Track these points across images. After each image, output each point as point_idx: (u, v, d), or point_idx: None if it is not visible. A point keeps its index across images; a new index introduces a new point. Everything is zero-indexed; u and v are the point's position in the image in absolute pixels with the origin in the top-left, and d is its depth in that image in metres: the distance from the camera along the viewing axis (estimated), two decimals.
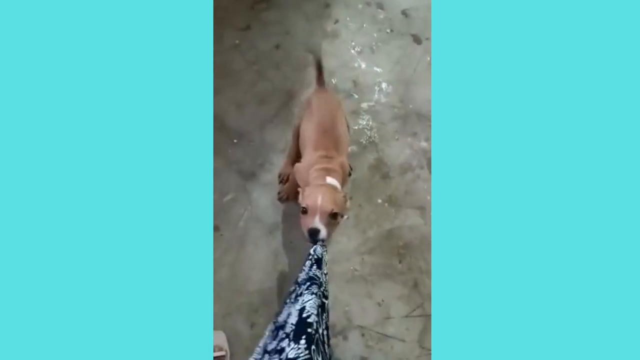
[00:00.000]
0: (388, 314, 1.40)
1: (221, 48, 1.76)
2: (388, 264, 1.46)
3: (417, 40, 1.82)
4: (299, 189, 1.18)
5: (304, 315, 0.81)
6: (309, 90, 1.52)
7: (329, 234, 1.09)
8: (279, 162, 1.59)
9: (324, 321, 0.87)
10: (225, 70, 1.74)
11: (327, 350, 0.83)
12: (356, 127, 1.66)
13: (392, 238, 1.49)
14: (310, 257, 1.02)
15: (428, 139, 1.64)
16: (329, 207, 1.07)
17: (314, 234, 1.06)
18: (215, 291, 1.36)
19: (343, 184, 1.26)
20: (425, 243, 1.49)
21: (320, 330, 0.81)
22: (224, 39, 1.79)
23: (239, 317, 1.35)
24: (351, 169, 1.55)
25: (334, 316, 1.39)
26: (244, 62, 1.77)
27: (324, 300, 0.92)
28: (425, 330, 1.38)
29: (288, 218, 1.51)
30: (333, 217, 1.08)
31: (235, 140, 1.62)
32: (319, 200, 1.07)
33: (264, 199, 1.54)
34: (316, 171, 1.22)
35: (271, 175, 1.57)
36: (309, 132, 1.33)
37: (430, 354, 1.34)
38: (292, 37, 1.81)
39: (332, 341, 1.34)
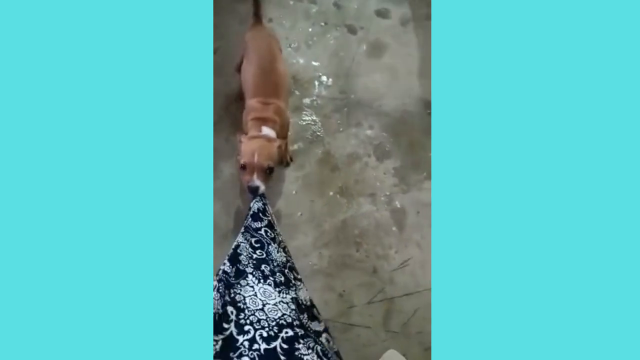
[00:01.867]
0: (351, 303, 1.41)
1: None
2: (346, 254, 1.47)
3: (352, 30, 1.84)
4: (238, 136, 1.27)
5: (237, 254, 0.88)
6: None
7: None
8: (226, 168, 1.57)
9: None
10: None
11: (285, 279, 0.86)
12: (302, 123, 1.66)
13: (347, 228, 1.51)
14: (248, 213, 1.13)
15: (372, 127, 1.66)
16: (265, 163, 1.17)
17: (253, 190, 1.17)
18: None
19: (282, 130, 1.33)
20: (380, 229, 1.51)
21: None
22: None
23: None
24: (291, 159, 1.58)
25: None
26: None
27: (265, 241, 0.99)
28: (389, 314, 1.40)
29: (242, 223, 1.50)
30: (270, 172, 1.19)
31: None
32: (255, 158, 1.17)
33: (215, 206, 1.52)
34: (252, 121, 1.29)
35: (219, 182, 1.55)
36: (247, 76, 1.37)
37: (395, 336, 1.37)
38: (228, 41, 1.80)
39: None
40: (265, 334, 0.75)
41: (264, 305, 0.81)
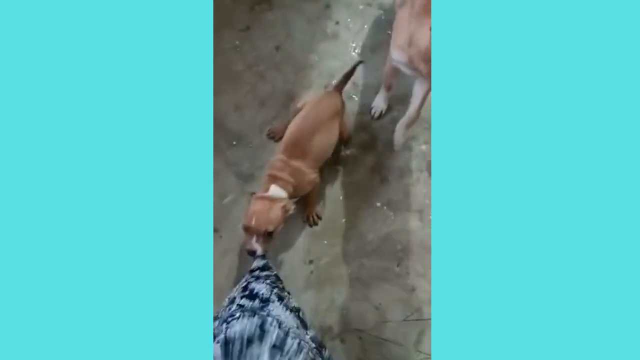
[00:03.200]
0: (385, 318, 1.40)
1: (221, 49, 1.75)
2: (386, 267, 1.46)
3: None
4: (251, 194, 1.28)
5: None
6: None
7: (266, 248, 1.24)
8: None
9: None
10: (225, 72, 1.74)
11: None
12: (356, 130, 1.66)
13: (391, 241, 1.50)
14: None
15: (427, 142, 1.63)
16: (263, 228, 1.19)
17: (251, 254, 1.21)
18: (215, 294, 1.37)
19: (296, 191, 1.30)
20: (423, 247, 1.49)
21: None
22: (224, 40, 1.79)
23: None
24: (319, 217, 1.53)
25: (332, 319, 1.40)
26: (244, 64, 1.76)
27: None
28: (423, 334, 1.38)
29: (287, 219, 1.51)
30: (269, 235, 1.21)
31: (234, 142, 1.62)
32: (253, 222, 1.19)
33: None
34: (267, 176, 1.31)
35: None
36: (288, 130, 1.38)
37: (427, 358, 1.35)
38: (293, 39, 1.81)
39: (329, 344, 1.35)
40: None
41: None
